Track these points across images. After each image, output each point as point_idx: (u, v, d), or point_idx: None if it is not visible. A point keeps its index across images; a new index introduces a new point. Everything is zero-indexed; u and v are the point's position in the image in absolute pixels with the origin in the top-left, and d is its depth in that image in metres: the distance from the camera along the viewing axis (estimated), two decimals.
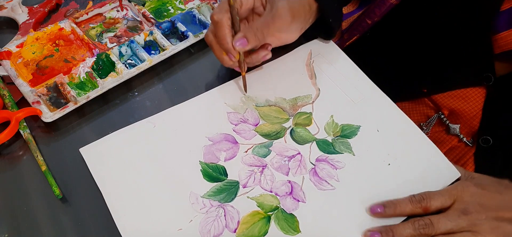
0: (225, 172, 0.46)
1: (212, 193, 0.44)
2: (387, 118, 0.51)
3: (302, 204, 0.44)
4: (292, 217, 0.43)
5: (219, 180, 0.45)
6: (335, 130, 0.50)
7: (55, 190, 0.43)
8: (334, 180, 0.45)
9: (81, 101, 0.50)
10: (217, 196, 0.44)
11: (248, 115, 0.51)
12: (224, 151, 0.47)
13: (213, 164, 0.46)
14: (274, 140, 0.49)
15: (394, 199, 0.44)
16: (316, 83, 0.54)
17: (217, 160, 0.47)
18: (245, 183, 0.45)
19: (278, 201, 0.44)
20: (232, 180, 0.45)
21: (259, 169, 0.46)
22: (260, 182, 0.45)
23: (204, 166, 0.46)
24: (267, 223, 0.42)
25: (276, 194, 0.44)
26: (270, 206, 0.43)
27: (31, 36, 0.56)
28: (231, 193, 0.44)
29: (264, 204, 0.44)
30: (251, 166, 0.46)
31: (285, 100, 0.52)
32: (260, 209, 0.43)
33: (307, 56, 0.57)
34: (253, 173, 0.46)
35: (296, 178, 0.46)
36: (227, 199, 0.44)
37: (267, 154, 0.48)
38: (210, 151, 0.47)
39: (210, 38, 0.49)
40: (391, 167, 0.47)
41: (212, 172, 0.46)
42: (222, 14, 0.46)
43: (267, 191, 0.45)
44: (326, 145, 0.48)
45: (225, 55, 0.48)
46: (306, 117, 0.51)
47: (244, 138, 0.49)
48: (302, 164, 0.47)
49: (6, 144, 0.48)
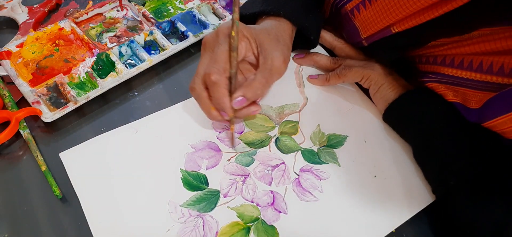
0: (206, 181, 0.45)
1: (192, 202, 0.43)
2: (375, 129, 0.50)
3: (284, 215, 0.43)
4: (272, 229, 0.42)
5: (199, 189, 0.44)
6: (322, 139, 0.49)
7: (55, 190, 0.43)
8: (317, 191, 0.45)
9: (81, 101, 0.50)
10: (196, 205, 0.43)
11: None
12: (206, 159, 0.46)
13: (194, 172, 0.45)
14: (259, 149, 0.48)
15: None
16: (304, 91, 0.53)
17: (198, 168, 0.46)
18: (226, 193, 0.44)
19: (258, 211, 0.43)
20: (213, 189, 0.44)
21: (241, 178, 0.45)
22: (242, 192, 0.44)
23: (185, 174, 0.45)
24: (247, 234, 0.41)
25: (257, 204, 0.43)
26: (250, 216, 0.42)
27: (31, 36, 0.56)
28: (211, 203, 0.43)
29: (245, 214, 0.43)
30: (233, 175, 0.45)
31: (271, 108, 0.52)
32: (240, 220, 0.42)
33: (296, 64, 0.56)
34: (235, 183, 0.45)
35: (279, 189, 0.45)
36: (206, 209, 0.43)
37: (250, 163, 0.47)
38: (191, 159, 0.46)
39: (199, 92, 0.44)
40: (377, 179, 0.46)
41: (193, 181, 0.45)
42: (220, 75, 0.42)
43: (248, 201, 0.44)
44: (311, 154, 0.48)
45: (214, 110, 0.44)
46: (292, 126, 0.50)
47: (228, 146, 0.48)
48: (286, 174, 0.46)
49: (6, 144, 0.48)
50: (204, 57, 0.44)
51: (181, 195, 0.43)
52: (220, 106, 0.43)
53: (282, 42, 0.46)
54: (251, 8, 0.51)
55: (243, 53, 0.45)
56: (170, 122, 0.49)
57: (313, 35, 0.52)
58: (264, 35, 0.45)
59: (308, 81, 0.55)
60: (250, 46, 0.45)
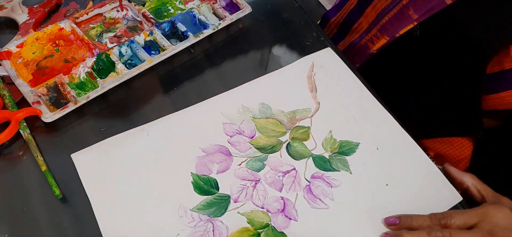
0: (216, 185, 0.45)
1: (202, 206, 0.43)
2: (388, 136, 0.49)
3: (294, 222, 0.42)
4: (282, 236, 0.42)
5: (210, 193, 0.44)
6: (333, 146, 0.48)
7: (55, 190, 0.43)
8: (328, 199, 0.44)
9: (81, 101, 0.50)
10: (206, 210, 0.43)
11: (244, 127, 0.50)
12: (217, 163, 0.46)
13: (204, 176, 0.45)
14: (269, 154, 0.47)
15: (411, 214, 0.41)
16: (317, 96, 0.53)
17: (209, 172, 0.45)
18: (237, 198, 0.44)
19: (269, 218, 0.43)
20: (223, 194, 0.44)
21: (251, 183, 0.45)
22: (252, 198, 0.44)
23: (196, 178, 0.45)
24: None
25: (267, 210, 0.43)
26: (261, 223, 0.42)
27: (31, 36, 0.56)
28: (222, 208, 0.43)
29: (255, 220, 0.42)
30: (243, 180, 0.45)
31: (283, 112, 0.51)
32: (249, 226, 0.42)
33: (309, 68, 0.55)
34: (245, 188, 0.45)
35: (289, 195, 0.44)
36: (216, 214, 0.43)
37: (261, 168, 0.46)
38: (202, 163, 0.46)
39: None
40: (389, 187, 0.45)
41: (203, 185, 0.45)
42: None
43: (258, 207, 0.43)
44: (322, 161, 0.47)
45: None
46: (304, 132, 0.50)
47: (239, 150, 0.48)
48: (297, 180, 0.45)
49: (6, 144, 0.48)
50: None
51: (192, 199, 0.43)
52: None
53: None
54: None
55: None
56: (181, 125, 0.49)
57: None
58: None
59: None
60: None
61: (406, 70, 0.61)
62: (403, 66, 0.61)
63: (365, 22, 0.64)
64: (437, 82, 0.57)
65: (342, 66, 0.56)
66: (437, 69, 0.57)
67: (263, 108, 0.51)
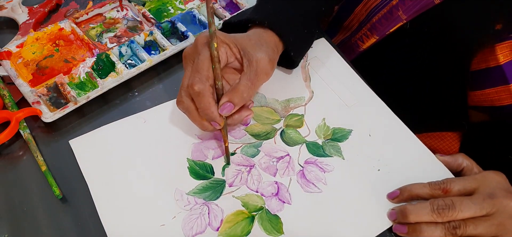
0: (212, 170, 0.46)
1: (198, 190, 0.44)
2: (381, 123, 0.50)
3: (287, 205, 0.43)
4: (276, 218, 0.42)
5: (205, 178, 0.45)
6: (326, 133, 0.49)
7: (55, 190, 0.43)
8: (321, 183, 0.45)
9: (81, 101, 0.50)
10: (202, 193, 0.44)
11: None
12: (213, 149, 0.47)
13: (200, 161, 0.46)
14: (264, 141, 0.48)
15: (409, 184, 0.43)
16: (310, 85, 0.54)
17: (205, 158, 0.47)
18: (231, 182, 0.45)
19: (263, 201, 0.44)
20: (218, 179, 0.45)
21: (246, 168, 0.46)
22: (247, 182, 0.45)
23: (192, 163, 0.46)
24: (251, 223, 0.42)
25: (262, 194, 0.44)
26: (255, 206, 0.43)
27: (31, 36, 0.56)
28: (217, 192, 0.44)
29: (249, 204, 0.43)
30: (238, 166, 0.46)
31: (277, 101, 0.52)
32: (244, 209, 0.43)
33: (303, 58, 0.57)
34: (240, 173, 0.46)
35: (283, 180, 0.45)
36: (212, 197, 0.44)
37: (255, 154, 0.47)
38: (198, 149, 0.47)
39: (187, 105, 0.43)
40: (381, 172, 0.46)
41: (199, 170, 0.46)
42: (202, 84, 0.40)
43: (253, 191, 0.44)
44: (316, 147, 0.48)
45: (205, 121, 0.43)
46: (298, 119, 0.50)
47: (234, 137, 0.49)
48: (290, 165, 0.46)
49: (6, 144, 0.48)
50: (186, 69, 0.43)
51: (188, 184, 0.44)
52: (208, 116, 0.42)
53: (265, 45, 0.45)
54: (239, 16, 0.51)
55: (224, 59, 0.43)
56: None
57: (294, 52, 0.50)
58: (244, 39, 0.44)
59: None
60: (232, 52, 0.44)
61: (394, 66, 0.62)
62: (390, 62, 0.62)
63: (356, 21, 0.64)
64: (423, 78, 0.58)
65: (335, 56, 0.57)
66: (424, 65, 0.58)
67: (258, 97, 0.52)
